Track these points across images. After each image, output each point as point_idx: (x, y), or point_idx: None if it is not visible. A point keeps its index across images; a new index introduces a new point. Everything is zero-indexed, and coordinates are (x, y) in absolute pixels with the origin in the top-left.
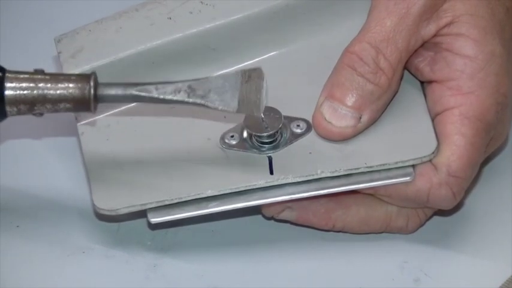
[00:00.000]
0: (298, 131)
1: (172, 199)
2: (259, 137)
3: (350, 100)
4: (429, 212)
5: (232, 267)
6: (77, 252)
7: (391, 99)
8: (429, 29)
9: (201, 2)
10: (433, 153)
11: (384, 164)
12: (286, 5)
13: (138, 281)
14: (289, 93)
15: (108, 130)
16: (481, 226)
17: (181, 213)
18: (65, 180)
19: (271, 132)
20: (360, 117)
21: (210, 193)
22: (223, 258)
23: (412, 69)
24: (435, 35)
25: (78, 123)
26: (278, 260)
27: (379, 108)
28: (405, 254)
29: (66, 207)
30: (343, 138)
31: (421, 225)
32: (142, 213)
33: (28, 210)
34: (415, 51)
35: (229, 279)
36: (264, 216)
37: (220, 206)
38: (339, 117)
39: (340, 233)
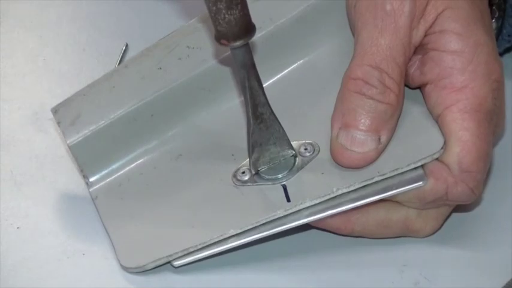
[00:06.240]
0: (307, 154)
1: (196, 246)
2: None
3: (366, 124)
4: (447, 212)
5: (233, 268)
6: (77, 253)
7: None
8: (419, 35)
9: (188, 47)
10: (442, 148)
11: (396, 169)
12: (270, 35)
13: (138, 283)
14: (288, 119)
15: (121, 189)
16: (480, 229)
17: (204, 252)
18: (65, 181)
19: (285, 172)
20: (379, 138)
21: (232, 232)
22: (224, 259)
23: None
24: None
25: (90, 189)
26: (278, 261)
27: (394, 125)
28: (405, 258)
29: (66, 209)
30: (368, 163)
31: (440, 227)
32: None
33: (28, 211)
34: None
35: (230, 280)
36: None
37: (241, 240)
38: (360, 144)
39: (340, 237)
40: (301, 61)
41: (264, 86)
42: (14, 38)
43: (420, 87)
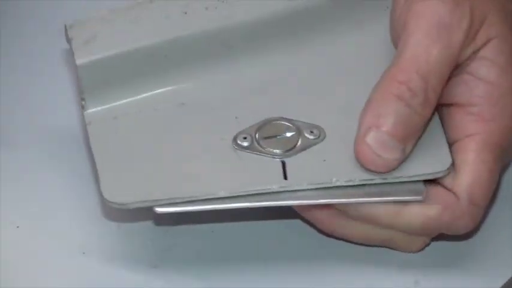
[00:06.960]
0: (312, 137)
1: (184, 198)
2: None
3: (399, 132)
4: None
5: (233, 268)
6: (77, 252)
7: None
8: (465, 56)
9: None
10: (447, 169)
11: (399, 177)
12: (304, 8)
13: (138, 282)
14: (303, 99)
15: (116, 121)
16: (480, 229)
17: (189, 206)
18: (65, 180)
19: (286, 149)
20: (404, 149)
21: (222, 194)
22: (224, 259)
23: None
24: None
25: (85, 111)
26: (277, 260)
27: (419, 138)
28: (404, 256)
29: (66, 208)
30: (388, 170)
31: (428, 244)
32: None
33: (28, 210)
34: None
35: (229, 279)
36: None
37: (229, 204)
38: (388, 150)
39: None
40: (332, 44)
41: (305, 50)
42: (14, 38)
43: (440, 105)
